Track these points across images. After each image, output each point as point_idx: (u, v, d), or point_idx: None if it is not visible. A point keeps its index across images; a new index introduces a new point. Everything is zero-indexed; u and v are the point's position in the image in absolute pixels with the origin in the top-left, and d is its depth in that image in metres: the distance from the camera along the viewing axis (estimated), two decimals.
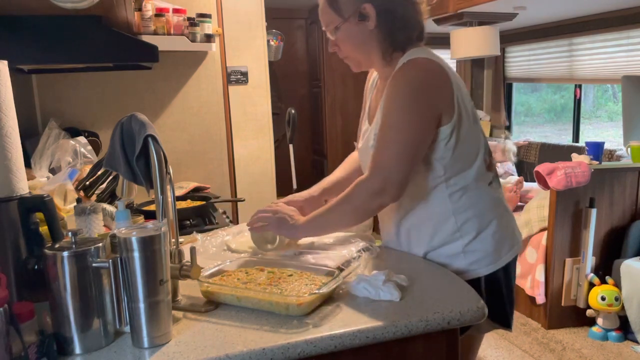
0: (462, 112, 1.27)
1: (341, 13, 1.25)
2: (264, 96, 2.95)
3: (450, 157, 1.28)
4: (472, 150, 1.32)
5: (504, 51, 4.94)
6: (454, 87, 1.26)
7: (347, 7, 1.24)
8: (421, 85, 1.24)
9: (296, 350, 0.93)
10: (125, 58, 2.07)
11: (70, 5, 1.76)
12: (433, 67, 1.25)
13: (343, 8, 1.25)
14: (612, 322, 2.88)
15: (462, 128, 1.27)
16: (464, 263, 1.32)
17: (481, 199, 1.33)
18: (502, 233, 1.36)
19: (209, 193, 2.37)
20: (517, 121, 5.50)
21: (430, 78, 1.25)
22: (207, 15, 2.51)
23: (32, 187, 1.80)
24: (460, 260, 1.32)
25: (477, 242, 1.32)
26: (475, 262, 1.32)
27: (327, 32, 1.32)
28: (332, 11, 1.27)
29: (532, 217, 3.18)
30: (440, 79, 1.25)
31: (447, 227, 1.32)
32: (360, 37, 1.26)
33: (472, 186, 1.32)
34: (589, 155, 3.16)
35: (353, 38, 1.27)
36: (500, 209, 1.38)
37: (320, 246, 1.38)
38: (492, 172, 1.38)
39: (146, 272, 0.93)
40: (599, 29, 3.84)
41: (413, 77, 1.23)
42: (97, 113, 2.61)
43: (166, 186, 1.13)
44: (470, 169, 1.31)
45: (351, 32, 1.26)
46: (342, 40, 1.29)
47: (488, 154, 1.38)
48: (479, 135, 1.35)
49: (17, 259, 0.98)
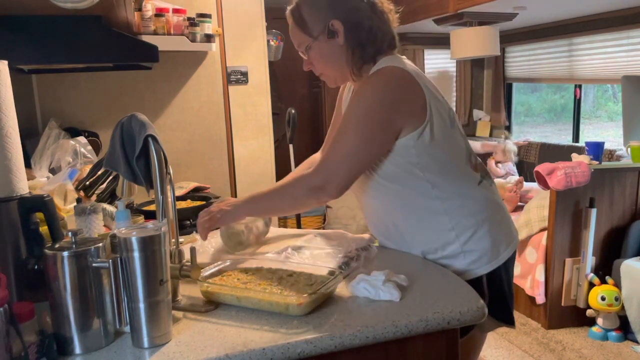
0: (435, 117, 1.28)
1: (310, 33, 1.28)
2: (264, 96, 2.95)
3: (428, 161, 1.29)
4: (452, 153, 1.34)
5: (504, 51, 4.94)
6: (425, 93, 1.27)
7: (316, 26, 1.28)
8: (383, 94, 1.25)
9: (296, 350, 0.93)
10: (125, 58, 2.08)
11: (70, 5, 1.76)
12: (401, 74, 1.26)
13: (312, 27, 1.28)
14: (612, 322, 2.88)
15: (436, 132, 1.28)
16: (464, 263, 1.33)
17: (472, 199, 1.34)
18: (498, 230, 1.37)
19: (209, 193, 2.37)
20: (517, 121, 5.50)
21: (395, 86, 1.26)
22: (207, 15, 2.51)
23: (32, 187, 1.80)
24: (460, 260, 1.33)
25: (475, 241, 1.33)
26: (475, 261, 1.33)
27: (300, 52, 1.35)
28: (302, 32, 1.31)
29: (532, 217, 3.18)
30: (407, 85, 1.26)
31: (441, 227, 1.32)
32: (331, 53, 1.29)
33: (460, 186, 1.34)
34: (589, 155, 3.16)
35: (325, 55, 1.30)
36: (493, 207, 1.39)
37: (319, 246, 1.39)
38: (479, 172, 1.39)
39: (146, 272, 0.93)
40: (599, 29, 3.84)
41: (376, 87, 1.25)
42: (97, 113, 2.61)
43: (166, 186, 1.13)
44: (454, 170, 1.34)
45: (322, 50, 1.29)
46: (315, 58, 1.32)
47: (472, 155, 1.40)
48: (457, 138, 1.36)
49: (17, 259, 0.98)
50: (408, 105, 1.26)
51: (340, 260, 1.27)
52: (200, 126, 2.81)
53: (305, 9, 1.29)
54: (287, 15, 1.35)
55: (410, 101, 1.26)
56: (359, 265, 1.26)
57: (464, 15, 3.68)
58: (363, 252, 1.33)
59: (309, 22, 1.28)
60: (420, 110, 1.26)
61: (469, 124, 5.42)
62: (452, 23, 3.86)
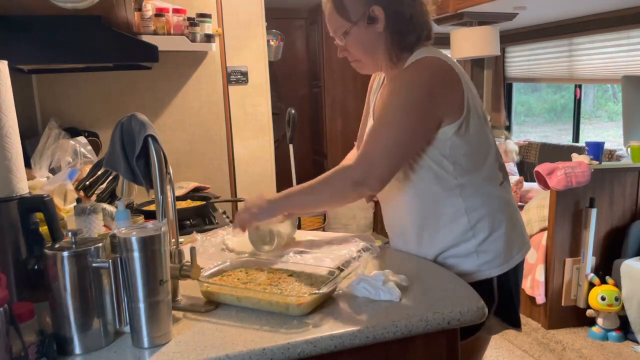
0: (472, 111, 1.26)
1: (349, 18, 1.26)
2: (264, 96, 2.95)
3: (460, 155, 1.27)
4: (482, 150, 1.32)
5: (504, 51, 4.94)
6: (464, 87, 1.25)
7: (356, 11, 1.25)
8: (425, 84, 1.23)
9: (296, 350, 0.93)
10: (125, 58, 2.08)
11: (71, 5, 1.76)
12: (442, 65, 1.24)
13: (351, 12, 1.25)
14: (612, 322, 2.88)
15: (472, 127, 1.26)
16: (476, 263, 1.31)
17: (493, 199, 1.32)
18: (513, 233, 1.35)
19: (209, 193, 2.37)
20: (517, 121, 5.51)
21: (437, 77, 1.24)
22: (207, 15, 2.51)
23: (32, 187, 1.79)
24: (472, 260, 1.31)
25: (490, 242, 1.31)
26: (488, 262, 1.31)
27: (336, 37, 1.31)
28: (340, 17, 1.27)
29: (532, 217, 3.18)
30: (448, 77, 1.24)
31: (460, 226, 1.30)
32: (369, 40, 1.27)
33: (484, 185, 1.31)
34: (589, 155, 3.16)
35: (362, 41, 1.28)
36: (510, 210, 1.37)
37: (320, 246, 1.39)
38: (502, 173, 1.38)
39: (146, 272, 0.93)
40: (599, 29, 3.84)
41: (418, 76, 1.23)
42: (97, 113, 2.61)
43: (166, 186, 1.13)
44: (482, 168, 1.31)
45: (360, 36, 1.27)
46: (352, 44, 1.29)
47: (499, 154, 1.38)
48: (488, 135, 1.34)
49: (17, 259, 0.98)
50: (448, 97, 1.24)
51: (341, 260, 1.27)
52: (200, 126, 2.81)
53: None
54: (324, 2, 1.31)
55: (450, 93, 1.24)
56: (359, 265, 1.26)
57: (464, 15, 3.68)
58: (363, 252, 1.33)
59: (349, 6, 1.25)
60: (459, 103, 1.24)
61: None
62: (452, 23, 3.86)
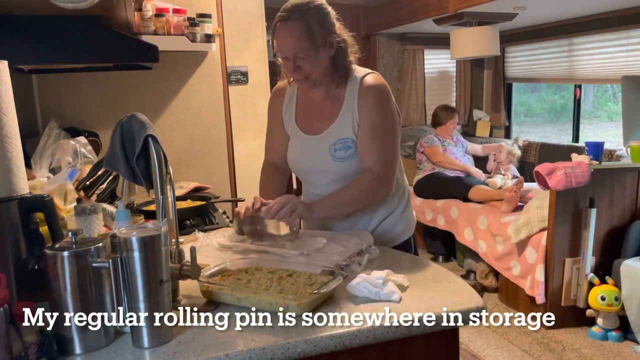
0: None
1: (315, 43, 1.49)
2: (264, 96, 2.95)
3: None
4: None
5: (504, 51, 4.95)
6: None
7: (320, 38, 1.50)
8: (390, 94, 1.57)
9: (296, 350, 0.94)
10: (125, 58, 2.08)
11: (71, 5, 1.76)
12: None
13: (318, 39, 1.49)
14: (612, 322, 2.88)
15: None
16: (402, 226, 1.67)
17: (403, 181, 1.71)
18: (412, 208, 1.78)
19: (209, 193, 2.37)
20: (517, 121, 5.51)
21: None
22: (207, 15, 2.51)
23: (32, 187, 1.79)
24: (400, 224, 1.67)
25: (407, 211, 1.70)
26: (408, 225, 1.70)
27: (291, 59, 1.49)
28: (309, 42, 1.49)
29: (532, 217, 3.17)
30: None
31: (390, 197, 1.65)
32: (324, 61, 1.53)
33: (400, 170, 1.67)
34: (589, 155, 3.16)
35: (320, 62, 1.52)
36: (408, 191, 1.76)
37: (320, 246, 1.38)
38: None
39: (146, 272, 0.93)
40: (599, 29, 3.85)
41: (384, 88, 1.56)
42: (97, 113, 2.61)
43: (166, 186, 1.13)
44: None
45: (320, 58, 1.52)
46: (311, 65, 1.51)
47: None
48: None
49: (17, 259, 0.98)
50: None
51: (341, 260, 1.27)
52: (200, 126, 2.81)
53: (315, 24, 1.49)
54: (290, 31, 1.47)
55: None
56: (359, 266, 1.26)
57: (464, 15, 3.68)
58: (364, 253, 1.33)
59: (316, 34, 1.48)
60: None
61: (468, 124, 5.41)
62: (452, 23, 3.86)
